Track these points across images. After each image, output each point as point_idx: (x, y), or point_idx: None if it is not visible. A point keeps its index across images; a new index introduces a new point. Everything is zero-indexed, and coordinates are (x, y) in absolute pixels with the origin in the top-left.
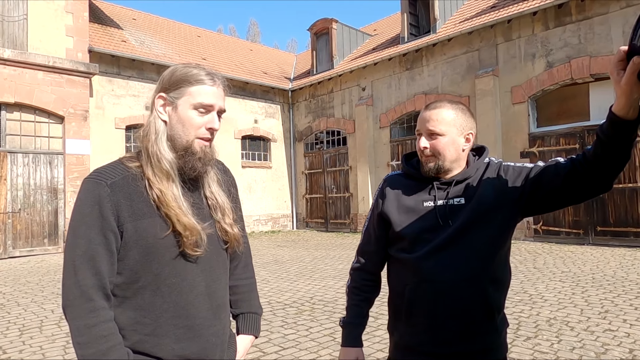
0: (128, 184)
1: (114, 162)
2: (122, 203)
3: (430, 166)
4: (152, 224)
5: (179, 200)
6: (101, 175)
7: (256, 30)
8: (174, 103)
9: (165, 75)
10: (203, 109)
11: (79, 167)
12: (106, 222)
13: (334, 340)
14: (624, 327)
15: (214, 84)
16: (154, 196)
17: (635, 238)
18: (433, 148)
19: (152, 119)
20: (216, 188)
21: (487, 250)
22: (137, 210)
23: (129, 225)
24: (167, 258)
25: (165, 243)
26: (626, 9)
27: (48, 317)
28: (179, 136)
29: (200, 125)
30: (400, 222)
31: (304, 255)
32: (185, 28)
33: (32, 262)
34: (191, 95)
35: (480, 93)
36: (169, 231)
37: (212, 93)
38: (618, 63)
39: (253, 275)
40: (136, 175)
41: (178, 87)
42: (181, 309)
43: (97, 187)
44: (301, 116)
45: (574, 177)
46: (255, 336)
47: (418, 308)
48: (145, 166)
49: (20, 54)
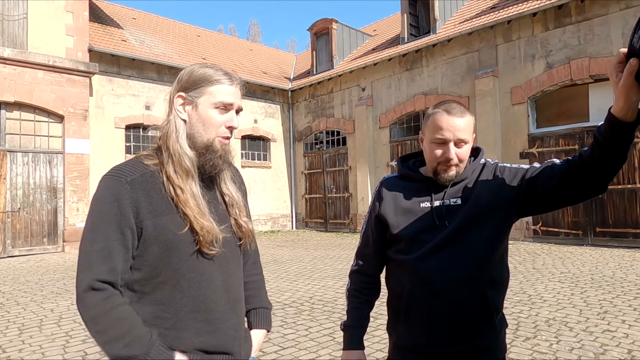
0: (147, 181)
1: (132, 160)
2: (142, 200)
3: (452, 174)
4: (171, 220)
5: (197, 199)
6: (121, 172)
7: (256, 30)
8: (193, 102)
9: (183, 74)
10: (223, 108)
11: (79, 166)
12: (125, 219)
13: (333, 340)
14: (622, 327)
15: (232, 83)
16: (172, 194)
17: (634, 239)
18: (459, 156)
19: (171, 117)
20: (231, 185)
21: (484, 250)
22: (156, 207)
23: (149, 222)
24: (186, 254)
25: (184, 239)
26: (626, 10)
27: (47, 316)
28: (199, 135)
29: (221, 123)
30: (398, 224)
31: (303, 255)
32: (185, 28)
33: (32, 261)
34: (211, 95)
35: (480, 94)
36: (187, 228)
37: (231, 92)
38: (617, 65)
39: (261, 272)
40: (154, 173)
41: (198, 86)
42: (200, 303)
43: (117, 184)
44: (301, 116)
45: (569, 178)
46: (268, 330)
47: (416, 309)
48: (166, 164)
49: (20, 53)
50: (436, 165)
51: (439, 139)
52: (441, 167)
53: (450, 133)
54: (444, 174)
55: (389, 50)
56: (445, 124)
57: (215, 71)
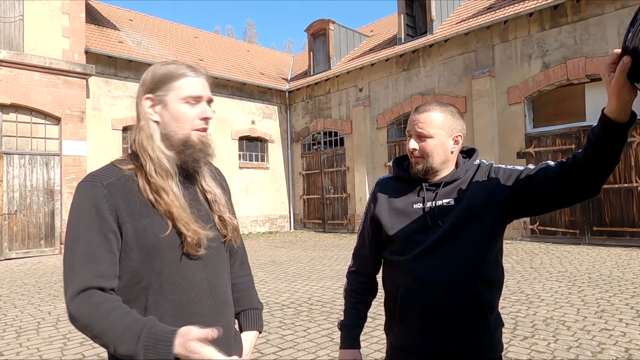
0: (123, 184)
1: (106, 166)
2: (120, 203)
3: (419, 168)
4: (151, 223)
5: (180, 199)
6: (96, 177)
7: (253, 31)
8: (162, 101)
9: (146, 77)
10: (193, 101)
11: (76, 168)
12: (105, 222)
13: (331, 341)
14: (620, 326)
15: (197, 75)
16: (152, 196)
17: (631, 238)
18: (422, 150)
19: (142, 122)
20: (211, 181)
21: (477, 251)
22: (135, 210)
23: (128, 225)
24: (168, 256)
25: (166, 242)
26: (621, 10)
27: (45, 319)
28: (174, 132)
29: (194, 116)
30: (392, 225)
31: (301, 256)
32: (182, 29)
33: (29, 263)
34: (179, 90)
35: (477, 94)
36: (169, 230)
37: (197, 84)
38: (610, 65)
39: (250, 272)
40: (130, 177)
41: (163, 84)
42: (184, 307)
43: (93, 189)
44: (298, 117)
45: (563, 180)
46: (259, 331)
47: (411, 309)
48: (145, 167)
49: (17, 55)
50: (411, 159)
51: (407, 133)
52: (411, 160)
53: (410, 126)
54: (414, 167)
55: (386, 51)
56: (409, 119)
57: (178, 66)
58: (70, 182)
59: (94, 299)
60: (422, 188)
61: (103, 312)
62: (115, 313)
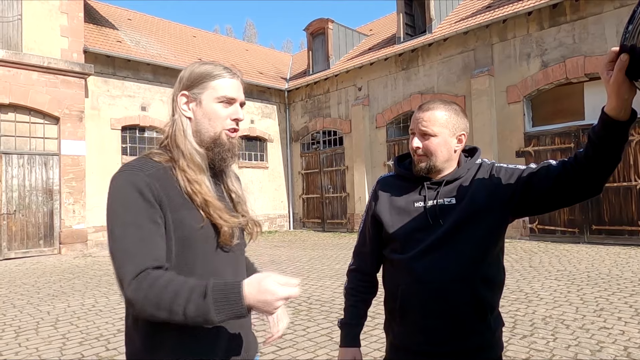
0: (161, 175)
1: (140, 158)
2: (162, 193)
3: (422, 166)
4: (189, 215)
5: (212, 193)
6: (135, 167)
7: (252, 30)
8: (197, 99)
9: (184, 74)
10: (227, 102)
11: (75, 168)
12: (153, 208)
13: (331, 340)
14: (618, 324)
15: (233, 76)
16: (189, 189)
17: (629, 236)
18: (425, 148)
19: (176, 117)
20: (236, 182)
21: (478, 250)
22: (174, 201)
23: (169, 215)
24: (200, 250)
25: (200, 235)
26: (620, 9)
27: (44, 319)
28: (206, 130)
29: (226, 117)
30: (392, 223)
31: (300, 255)
32: (180, 28)
33: (28, 263)
34: (214, 89)
35: (476, 93)
36: (204, 223)
37: (233, 85)
38: (608, 64)
39: None
40: (167, 169)
41: (200, 83)
42: None
43: (135, 177)
44: (297, 116)
45: (565, 179)
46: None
47: (411, 308)
48: (178, 161)
49: (15, 55)
50: (414, 157)
51: (410, 131)
52: (414, 158)
53: (414, 125)
54: (416, 165)
55: (385, 50)
56: (413, 118)
57: (215, 66)
58: (69, 181)
59: (152, 274)
60: (423, 186)
61: (164, 282)
62: (176, 280)
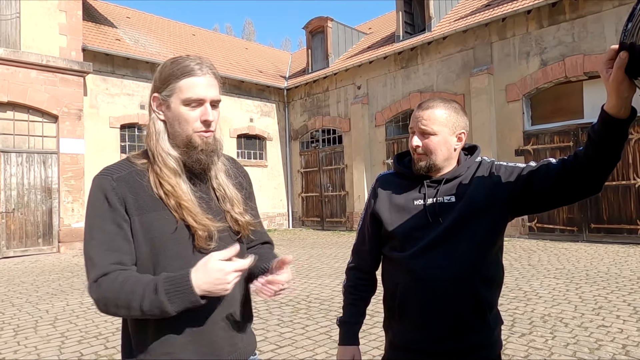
0: (133, 178)
1: (121, 160)
2: (128, 196)
3: (422, 164)
4: (158, 217)
5: (187, 195)
6: (107, 171)
7: (251, 29)
8: (166, 102)
9: (156, 74)
10: (194, 104)
11: (73, 166)
12: (117, 212)
13: (330, 339)
14: (617, 323)
15: (202, 73)
16: (161, 191)
17: (628, 235)
18: (425, 147)
19: (151, 120)
20: (224, 179)
21: (477, 248)
22: (143, 204)
23: (136, 218)
24: (175, 252)
25: (173, 237)
26: (619, 7)
27: (43, 318)
28: (178, 133)
29: (195, 119)
30: (392, 221)
31: (300, 253)
32: (179, 26)
33: (27, 262)
34: (180, 91)
35: (475, 91)
36: (178, 225)
37: (200, 85)
38: (608, 62)
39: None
40: (142, 172)
41: (167, 84)
42: None
43: (103, 182)
44: (297, 115)
45: (565, 177)
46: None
47: (410, 307)
48: (153, 164)
49: (13, 53)
50: (413, 155)
51: (410, 129)
52: (414, 157)
53: (414, 123)
54: (416, 163)
55: (384, 49)
56: (412, 116)
57: (183, 64)
58: (67, 180)
59: (111, 275)
60: (423, 184)
61: (121, 280)
62: (132, 278)
